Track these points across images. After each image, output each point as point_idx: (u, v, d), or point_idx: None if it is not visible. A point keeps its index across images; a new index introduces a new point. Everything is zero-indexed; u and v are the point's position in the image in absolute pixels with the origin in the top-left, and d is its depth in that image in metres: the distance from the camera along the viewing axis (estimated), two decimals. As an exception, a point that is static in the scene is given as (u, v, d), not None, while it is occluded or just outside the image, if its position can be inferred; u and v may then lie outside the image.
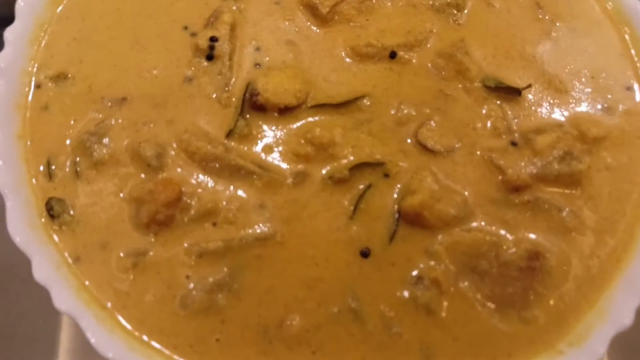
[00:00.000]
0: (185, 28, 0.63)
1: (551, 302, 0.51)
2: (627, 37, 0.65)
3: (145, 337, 0.48)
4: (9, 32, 0.61)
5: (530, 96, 0.61)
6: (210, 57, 0.61)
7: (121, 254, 0.52)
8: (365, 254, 0.52)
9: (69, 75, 0.60)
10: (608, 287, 0.51)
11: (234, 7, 0.64)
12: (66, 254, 0.51)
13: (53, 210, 0.53)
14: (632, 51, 0.64)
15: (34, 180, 0.55)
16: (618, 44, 0.65)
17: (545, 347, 0.49)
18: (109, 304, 0.50)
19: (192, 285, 0.50)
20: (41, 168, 0.55)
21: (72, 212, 0.53)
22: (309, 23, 0.64)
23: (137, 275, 0.51)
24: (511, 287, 0.51)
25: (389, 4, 0.65)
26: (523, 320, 0.50)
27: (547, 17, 0.66)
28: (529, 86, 0.60)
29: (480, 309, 0.50)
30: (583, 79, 0.62)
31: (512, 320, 0.50)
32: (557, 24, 0.66)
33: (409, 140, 0.58)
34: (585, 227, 0.54)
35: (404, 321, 0.49)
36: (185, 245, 0.52)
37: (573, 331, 0.49)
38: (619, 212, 0.55)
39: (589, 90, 0.62)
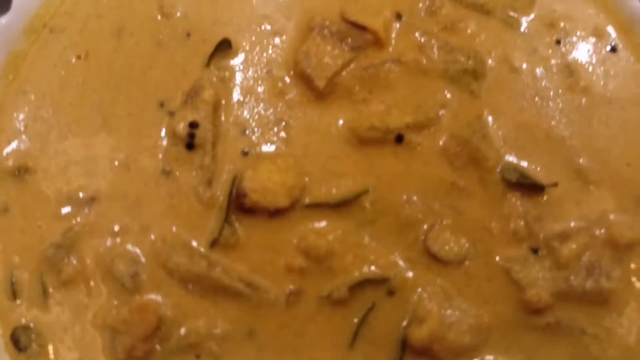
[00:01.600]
0: (161, 105, 0.54)
1: None
2: (670, 111, 0.57)
3: None
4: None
5: (556, 190, 0.53)
6: (190, 146, 0.53)
7: (96, 392, 0.47)
8: (366, 389, 0.48)
9: (29, 168, 0.53)
10: None
11: (215, 78, 0.55)
12: (36, 394, 0.47)
13: (20, 342, 0.47)
14: (675, 128, 0.57)
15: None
16: (660, 120, 0.57)
17: None
18: None
19: None
20: (6, 289, 0.49)
21: (40, 342, 0.48)
22: (304, 97, 0.56)
23: (114, 418, 0.47)
24: None
25: (396, 70, 0.57)
26: None
27: (579, 85, 0.57)
28: (556, 184, 0.52)
29: None
30: (618, 167, 0.54)
31: None
32: (591, 93, 0.57)
33: (416, 247, 0.51)
34: (613, 353, 0.49)
35: None
36: (166, 382, 0.47)
37: None
38: (650, 334, 0.50)
39: (624, 180, 0.54)
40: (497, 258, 0.51)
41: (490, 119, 0.55)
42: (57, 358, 0.47)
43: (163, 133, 0.54)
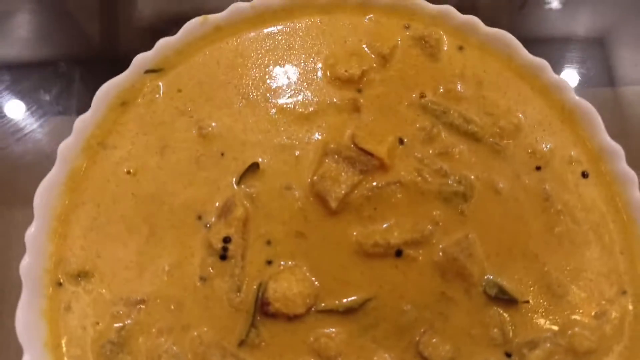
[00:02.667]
0: (199, 218, 0.64)
1: None
2: (631, 236, 0.66)
3: None
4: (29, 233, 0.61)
5: (529, 302, 0.64)
6: (223, 257, 0.63)
7: None
8: None
9: (88, 272, 0.63)
10: None
11: (246, 197, 0.65)
12: None
13: None
14: (635, 251, 0.66)
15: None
16: (621, 242, 0.66)
17: None
18: None
19: None
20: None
21: (99, 423, 0.58)
22: (318, 213, 0.66)
23: None
24: None
25: (397, 190, 0.66)
26: None
27: (553, 208, 0.67)
28: (527, 301, 0.62)
29: None
30: (581, 282, 0.65)
31: None
32: (563, 216, 0.67)
33: (410, 350, 0.61)
34: None
35: None
36: None
37: None
38: None
39: (586, 294, 0.64)
40: (477, 360, 0.61)
41: (475, 238, 0.65)
42: None
43: (200, 244, 0.64)
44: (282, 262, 0.63)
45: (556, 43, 0.91)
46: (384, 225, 0.65)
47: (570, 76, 0.87)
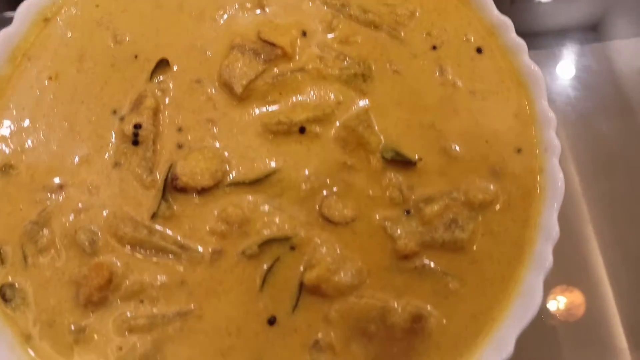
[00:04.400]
0: (114, 112, 0.69)
1: (430, 359, 0.59)
2: (524, 99, 0.70)
3: (86, 404, 0.58)
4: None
5: (426, 164, 0.67)
6: (135, 143, 0.67)
7: (65, 331, 0.61)
8: (271, 321, 0.61)
9: (13, 165, 0.68)
10: (480, 346, 0.59)
11: (158, 90, 0.70)
12: (19, 334, 0.61)
13: (6, 295, 0.62)
14: (527, 112, 0.70)
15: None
16: (514, 106, 0.70)
17: (420, 400, 0.58)
18: (57, 377, 0.59)
19: (123, 356, 0.60)
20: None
21: (22, 295, 0.62)
22: (226, 101, 0.70)
23: (78, 350, 0.60)
24: (396, 347, 0.60)
25: (300, 77, 0.71)
26: (404, 377, 0.59)
27: (448, 80, 0.71)
28: (420, 159, 0.66)
29: (368, 368, 0.59)
30: (477, 145, 0.68)
31: (394, 377, 0.59)
32: (458, 86, 0.71)
33: (314, 213, 0.65)
34: (466, 289, 0.62)
35: (302, 382, 0.59)
36: (117, 321, 0.61)
37: (446, 386, 0.58)
38: (498, 274, 0.63)
39: (482, 155, 0.67)
40: (377, 218, 0.64)
41: (374, 112, 0.69)
42: (35, 307, 0.61)
43: (114, 134, 0.69)
44: (191, 146, 0.68)
45: (549, 36, 0.96)
46: (288, 107, 0.70)
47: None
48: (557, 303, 0.72)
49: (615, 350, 0.73)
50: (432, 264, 0.63)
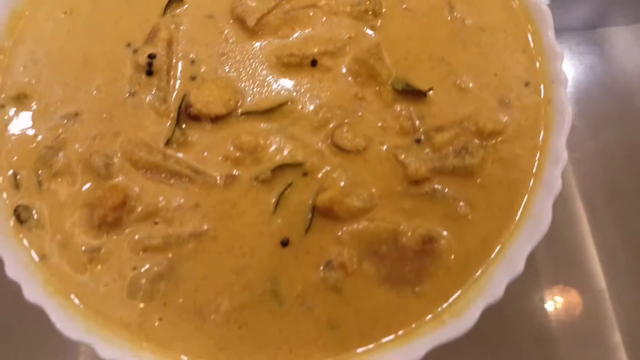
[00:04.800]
0: (128, 45, 0.70)
1: (440, 279, 0.60)
2: (529, 34, 0.71)
3: (100, 321, 0.59)
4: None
5: (436, 96, 0.68)
6: (149, 73, 0.68)
7: (79, 252, 0.62)
8: (284, 243, 0.62)
9: (28, 95, 0.69)
10: (490, 267, 0.60)
11: (172, 24, 0.71)
12: (33, 253, 0.62)
13: (21, 216, 0.62)
14: (533, 47, 0.71)
15: (4, 193, 0.65)
16: (522, 41, 0.71)
17: (432, 318, 0.58)
18: (72, 295, 0.60)
19: (138, 275, 0.60)
20: (10, 173, 0.64)
21: (37, 217, 0.63)
22: (239, 35, 0.71)
23: (92, 269, 0.61)
24: (407, 267, 0.60)
25: (311, 13, 0.72)
26: (416, 295, 0.60)
27: (457, 17, 0.72)
28: (431, 89, 0.67)
29: (380, 286, 0.60)
30: (486, 78, 0.69)
31: (406, 295, 0.60)
32: (467, 24, 0.72)
33: (326, 141, 0.66)
34: (476, 214, 0.63)
35: (315, 299, 0.59)
36: (132, 242, 0.61)
37: (456, 304, 0.58)
38: (507, 199, 0.64)
39: (491, 87, 0.68)
40: (388, 147, 0.65)
41: (384, 46, 0.70)
42: (50, 228, 0.62)
43: (129, 66, 0.69)
44: (205, 77, 0.69)
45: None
46: (300, 40, 0.71)
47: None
48: (555, 303, 0.71)
49: (612, 350, 0.73)
50: (442, 189, 0.63)
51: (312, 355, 0.57)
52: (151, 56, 0.68)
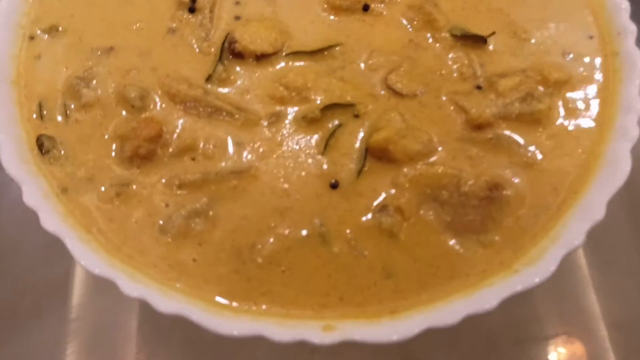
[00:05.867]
0: (170, -17, 0.67)
1: (509, 228, 0.53)
2: (591, -12, 0.68)
3: (126, 258, 0.52)
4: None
5: (495, 45, 0.64)
6: (192, 10, 0.64)
7: (106, 186, 0.55)
8: (334, 185, 0.56)
9: (60, 28, 0.64)
10: (564, 215, 0.54)
11: (216, -36, 0.68)
12: (55, 185, 0.56)
13: (43, 146, 0.57)
14: (596, 3, 0.67)
15: (29, 123, 0.60)
16: (584, -2, 0.68)
17: (501, 267, 0.52)
18: (94, 229, 0.53)
19: (171, 212, 0.54)
20: (37, 103, 0.59)
21: (60, 149, 0.57)
22: (287, -21, 0.68)
23: (120, 204, 0.54)
24: (471, 214, 0.54)
25: (363, -39, 0.69)
26: (481, 244, 0.53)
27: (516, -27, 0.69)
28: (493, 33, 0.63)
29: (440, 233, 0.53)
30: (547, 29, 0.65)
31: (471, 244, 0.53)
32: (526, -21, 0.69)
33: (378, 85, 0.61)
34: (545, 162, 0.57)
35: (368, 244, 0.52)
36: (166, 177, 0.55)
37: (528, 254, 0.52)
38: (576, 148, 0.58)
39: (553, 39, 0.64)
40: (446, 92, 0.60)
41: (441, -6, 0.67)
42: (73, 161, 0.56)
43: (170, 3, 0.66)
44: (250, 18, 0.65)
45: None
46: (351, -14, 0.68)
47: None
48: (558, 355, 0.67)
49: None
50: (508, 135, 0.58)
51: (365, 303, 0.50)
52: (195, -7, 0.65)
